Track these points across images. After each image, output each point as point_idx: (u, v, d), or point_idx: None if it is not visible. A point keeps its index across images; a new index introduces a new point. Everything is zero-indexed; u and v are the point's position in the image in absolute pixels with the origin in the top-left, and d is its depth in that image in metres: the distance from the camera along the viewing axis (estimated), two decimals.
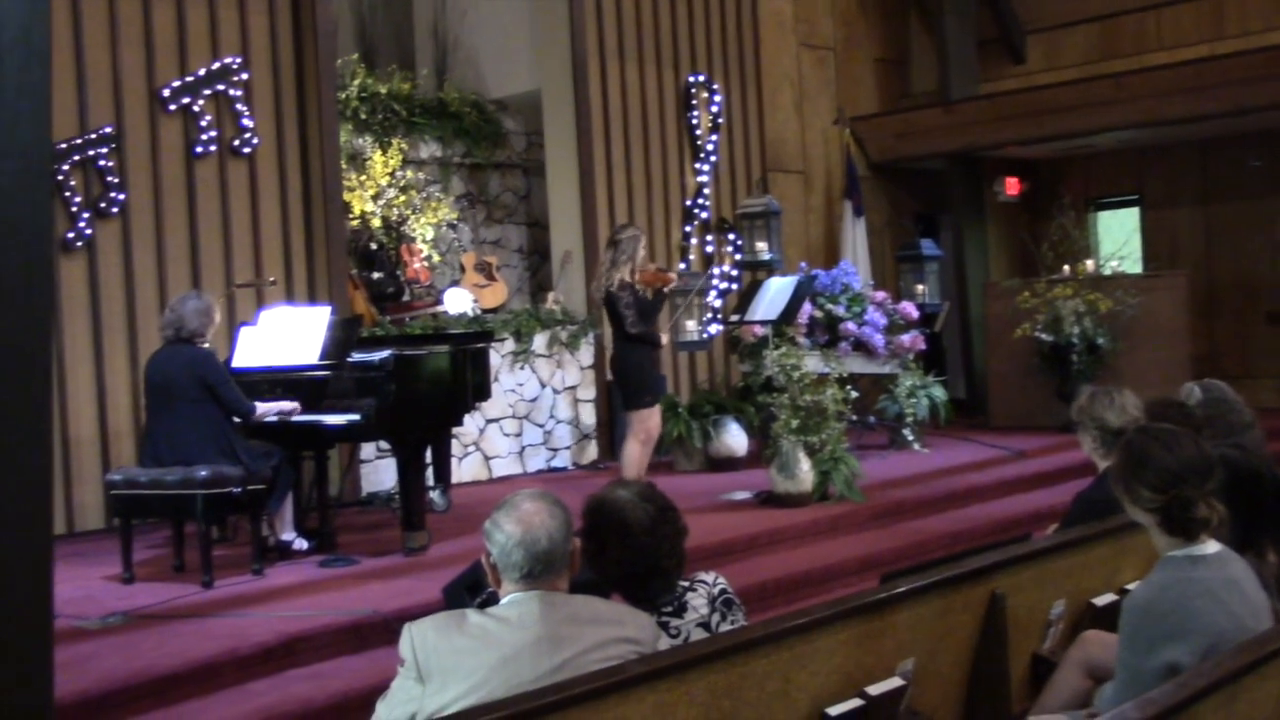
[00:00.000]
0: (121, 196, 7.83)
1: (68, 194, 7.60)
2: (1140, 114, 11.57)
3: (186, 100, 8.14)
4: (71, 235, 7.62)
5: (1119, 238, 13.31)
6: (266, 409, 6.31)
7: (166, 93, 8.05)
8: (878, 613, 3.17)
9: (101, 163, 7.76)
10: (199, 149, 8.18)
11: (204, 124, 8.20)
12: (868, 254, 12.37)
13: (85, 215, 7.68)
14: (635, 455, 7.72)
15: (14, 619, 2.41)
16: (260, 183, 8.48)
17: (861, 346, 10.05)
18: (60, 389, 7.46)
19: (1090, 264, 11.56)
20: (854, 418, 8.85)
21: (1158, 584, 3.11)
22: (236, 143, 8.35)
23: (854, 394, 8.08)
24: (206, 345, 6.27)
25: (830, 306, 10.14)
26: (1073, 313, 10.68)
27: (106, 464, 7.59)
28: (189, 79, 8.15)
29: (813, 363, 8.76)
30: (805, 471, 7.74)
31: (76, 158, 7.67)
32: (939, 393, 10.20)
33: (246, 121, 8.39)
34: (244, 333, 6.83)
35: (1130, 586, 3.76)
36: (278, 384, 6.58)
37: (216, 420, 6.09)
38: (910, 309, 10.38)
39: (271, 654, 5.06)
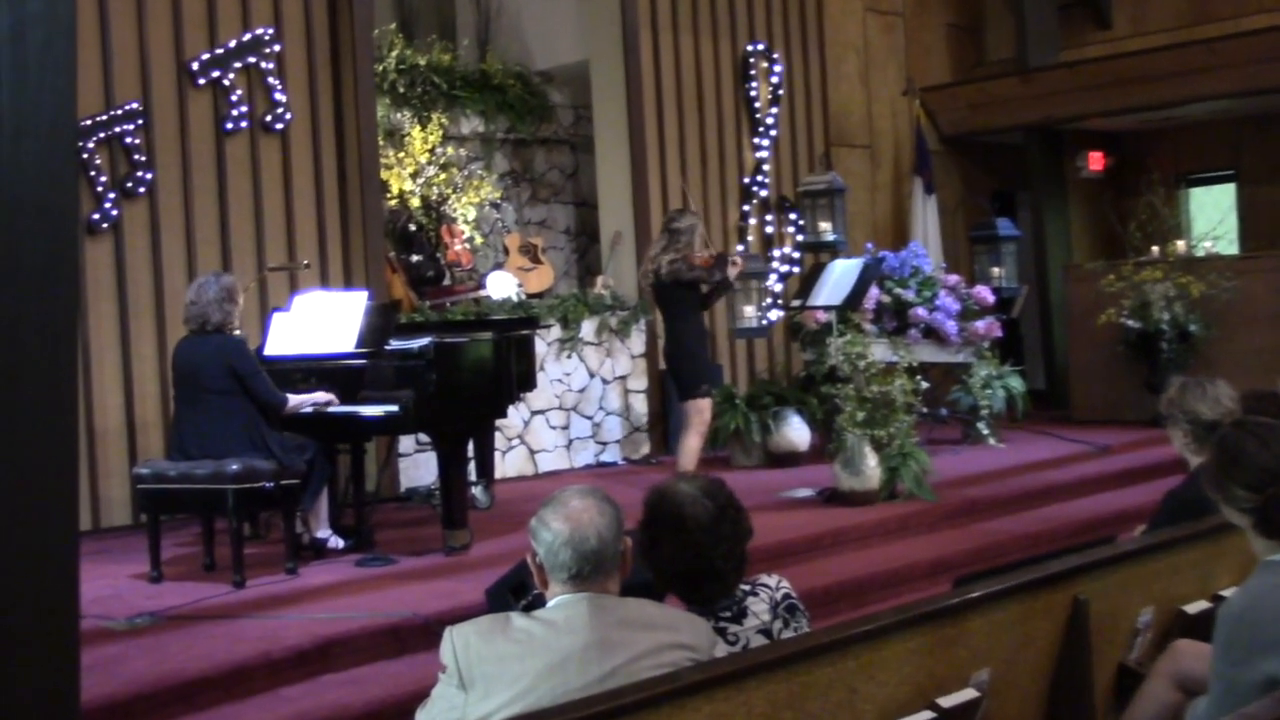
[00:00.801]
0: (149, 175, 7.92)
1: (93, 173, 7.69)
2: (1236, 82, 11.40)
3: (216, 74, 8.22)
4: (97, 216, 7.72)
5: (1213, 216, 13.15)
6: (299, 402, 6.37)
7: (195, 66, 8.12)
8: (950, 619, 3.15)
9: (128, 140, 7.85)
10: (229, 125, 8.26)
11: (234, 99, 8.27)
12: (939, 234, 12.30)
13: (111, 195, 7.78)
14: (694, 448, 7.71)
15: (39, 619, 2.44)
16: (293, 160, 8.55)
17: (933, 334, 9.99)
18: (85, 378, 7.56)
19: (1181, 244, 11.41)
20: (924, 410, 8.78)
21: (1255, 590, 3.08)
22: (269, 118, 8.42)
23: (924, 385, 8.04)
24: (237, 332, 6.32)
25: (899, 291, 10.08)
26: (1162, 297, 10.55)
27: (133, 457, 7.69)
28: (219, 51, 8.23)
29: (880, 351, 8.71)
30: (872, 468, 7.70)
31: (102, 135, 7.76)
32: (1016, 383, 10.12)
33: (279, 96, 8.45)
34: (277, 319, 6.88)
35: (1225, 593, 3.72)
36: (312, 373, 6.63)
37: (248, 411, 6.13)
38: (985, 293, 10.31)
39: (305, 658, 5.10)
